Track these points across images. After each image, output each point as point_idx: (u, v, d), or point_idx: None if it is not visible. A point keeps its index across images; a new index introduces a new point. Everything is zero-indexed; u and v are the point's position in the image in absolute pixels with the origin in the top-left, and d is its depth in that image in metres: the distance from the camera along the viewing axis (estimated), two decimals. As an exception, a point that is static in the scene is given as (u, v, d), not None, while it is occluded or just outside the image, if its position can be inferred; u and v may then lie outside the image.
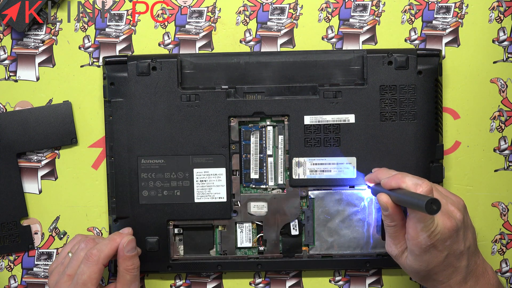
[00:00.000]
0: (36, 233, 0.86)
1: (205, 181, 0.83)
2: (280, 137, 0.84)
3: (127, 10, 0.85)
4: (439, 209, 0.65)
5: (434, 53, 0.83)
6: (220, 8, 0.85)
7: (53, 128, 0.85)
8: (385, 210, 0.73)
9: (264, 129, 0.84)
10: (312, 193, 0.84)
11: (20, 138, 0.85)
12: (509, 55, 0.85)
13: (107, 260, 0.77)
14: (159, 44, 0.85)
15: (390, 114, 0.82)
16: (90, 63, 0.85)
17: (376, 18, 0.85)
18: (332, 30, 0.85)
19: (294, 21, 0.85)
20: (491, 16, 0.85)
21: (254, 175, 0.84)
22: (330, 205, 0.83)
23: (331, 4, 0.85)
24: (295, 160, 0.83)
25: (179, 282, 0.87)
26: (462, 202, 0.75)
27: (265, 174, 0.84)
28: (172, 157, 0.83)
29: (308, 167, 0.83)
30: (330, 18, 0.85)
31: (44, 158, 0.86)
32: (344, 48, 0.85)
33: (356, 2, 0.85)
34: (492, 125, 0.85)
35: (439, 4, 0.85)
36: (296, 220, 0.84)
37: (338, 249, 0.84)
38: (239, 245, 0.85)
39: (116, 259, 0.79)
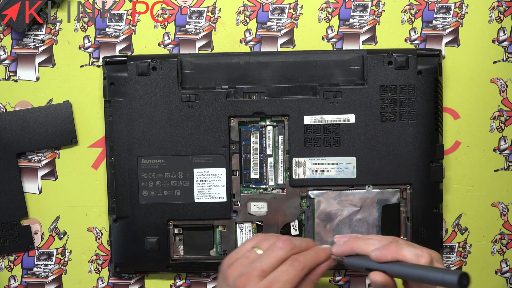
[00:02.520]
0: (36, 233, 0.86)
1: (205, 181, 0.83)
2: (280, 137, 0.84)
3: (127, 10, 0.85)
4: (469, 284, 0.60)
5: (434, 53, 0.83)
6: (220, 8, 0.85)
7: (53, 128, 0.85)
8: None
9: (264, 129, 0.84)
10: (312, 193, 0.83)
11: (20, 138, 0.84)
12: (509, 55, 0.85)
13: (306, 272, 0.69)
14: (159, 44, 0.85)
15: (390, 114, 0.82)
16: (90, 63, 0.85)
17: (376, 18, 0.85)
18: (332, 30, 0.85)
19: (294, 21, 0.85)
20: (491, 16, 0.85)
21: (254, 175, 0.84)
22: (330, 205, 0.83)
23: (331, 4, 0.85)
24: (295, 160, 0.83)
25: (179, 282, 0.87)
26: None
27: (265, 174, 0.84)
28: (172, 157, 0.83)
29: (308, 167, 0.83)
30: (330, 18, 0.85)
31: (44, 158, 0.86)
32: (344, 48, 0.85)
33: (356, 2, 0.85)
34: (492, 125, 0.85)
35: (439, 4, 0.85)
36: (296, 220, 0.84)
37: (338, 249, 0.84)
38: (239, 245, 0.84)
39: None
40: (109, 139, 0.83)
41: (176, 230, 0.84)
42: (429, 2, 0.85)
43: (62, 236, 0.86)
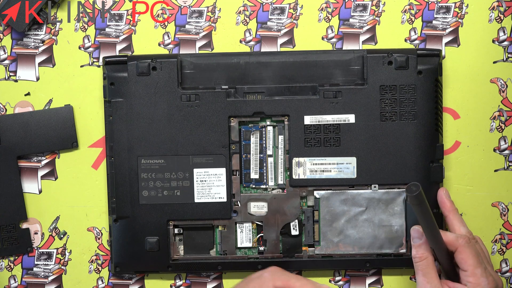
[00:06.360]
0: (36, 233, 0.86)
1: (205, 181, 0.83)
2: (280, 137, 0.84)
3: (127, 10, 0.85)
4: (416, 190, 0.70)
5: (434, 53, 0.83)
6: (220, 8, 0.85)
7: (54, 132, 0.85)
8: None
9: (264, 129, 0.84)
10: (317, 193, 0.83)
11: (21, 141, 0.84)
12: (509, 55, 0.85)
13: None
14: (159, 44, 0.85)
15: (390, 114, 0.83)
16: (90, 63, 0.85)
17: (376, 18, 0.85)
18: (332, 30, 0.85)
19: (294, 21, 0.85)
20: (491, 16, 0.85)
21: (254, 175, 0.84)
22: (336, 205, 0.83)
23: (331, 4, 0.85)
24: (295, 160, 0.83)
25: (179, 282, 0.87)
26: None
27: (265, 174, 0.84)
28: (172, 157, 0.83)
29: (308, 167, 0.83)
30: (330, 18, 0.85)
31: (44, 158, 0.86)
32: (344, 48, 0.85)
33: (356, 2, 0.85)
34: (492, 125, 0.85)
35: (439, 4, 0.85)
36: (296, 220, 0.84)
37: (344, 249, 0.84)
38: (239, 245, 0.85)
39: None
40: (109, 139, 0.83)
41: (176, 230, 0.84)
42: (429, 2, 0.85)
43: (62, 236, 0.86)
